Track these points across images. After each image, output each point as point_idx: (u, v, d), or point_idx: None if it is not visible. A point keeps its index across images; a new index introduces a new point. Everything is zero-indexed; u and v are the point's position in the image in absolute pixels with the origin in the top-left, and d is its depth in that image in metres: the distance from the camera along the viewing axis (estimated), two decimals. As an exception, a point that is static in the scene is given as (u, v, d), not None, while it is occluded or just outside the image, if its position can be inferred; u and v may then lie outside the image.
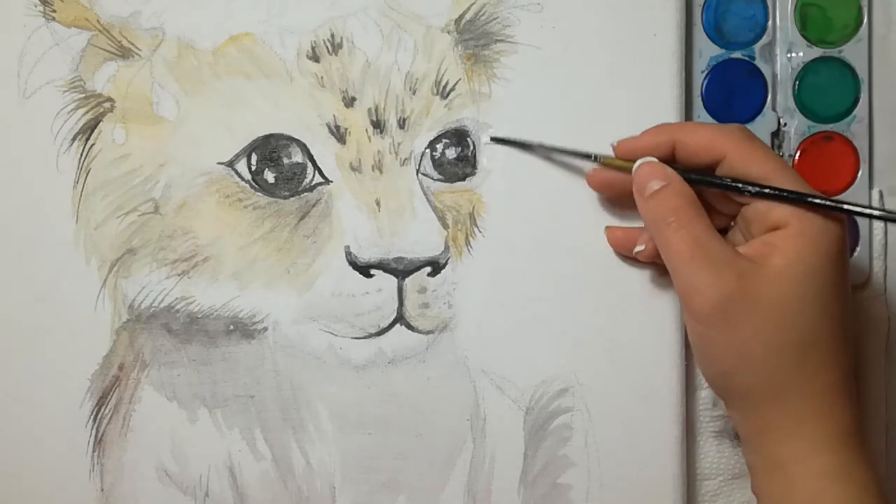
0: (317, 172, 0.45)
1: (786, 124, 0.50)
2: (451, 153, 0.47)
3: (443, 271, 0.46)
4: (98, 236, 0.46)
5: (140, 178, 0.45)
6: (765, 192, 0.41)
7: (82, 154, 0.45)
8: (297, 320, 0.46)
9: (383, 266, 0.45)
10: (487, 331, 0.47)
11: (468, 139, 0.47)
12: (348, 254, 0.45)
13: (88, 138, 0.45)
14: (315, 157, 0.45)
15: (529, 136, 0.47)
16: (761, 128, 0.50)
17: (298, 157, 0.45)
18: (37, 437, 0.46)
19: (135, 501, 0.46)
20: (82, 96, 0.45)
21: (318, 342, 0.46)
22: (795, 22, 0.50)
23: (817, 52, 0.50)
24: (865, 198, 0.50)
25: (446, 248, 0.46)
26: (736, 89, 0.50)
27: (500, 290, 0.47)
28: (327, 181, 0.46)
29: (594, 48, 0.47)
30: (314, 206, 0.46)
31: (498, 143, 0.47)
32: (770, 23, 0.50)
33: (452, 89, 0.47)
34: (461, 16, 0.47)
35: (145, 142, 0.45)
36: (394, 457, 0.47)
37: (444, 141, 0.47)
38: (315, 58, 0.46)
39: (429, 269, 0.46)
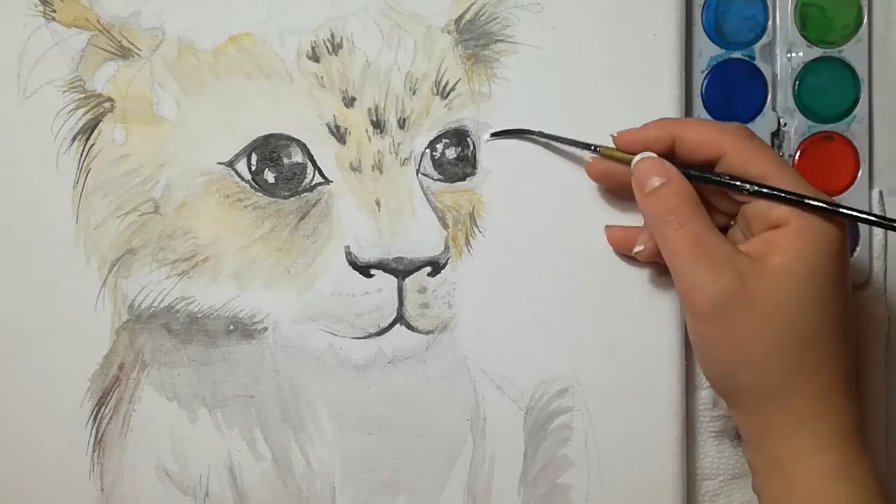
0: (317, 172, 0.45)
1: (786, 124, 0.50)
2: (451, 153, 0.47)
3: (443, 271, 0.46)
4: (98, 236, 0.46)
5: (140, 178, 0.45)
6: (763, 192, 0.41)
7: (82, 154, 0.45)
8: (297, 320, 0.46)
9: (383, 266, 0.45)
10: (487, 331, 0.47)
11: (468, 139, 0.47)
12: (348, 254, 0.45)
13: (88, 138, 0.45)
14: (315, 157, 0.45)
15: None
16: (761, 128, 0.50)
17: (298, 157, 0.45)
18: (37, 437, 0.46)
19: (135, 501, 0.46)
20: (82, 96, 0.45)
21: (318, 342, 0.46)
22: (795, 22, 0.50)
23: (817, 52, 0.50)
24: (865, 198, 0.50)
25: (446, 248, 0.46)
26: (736, 89, 0.50)
27: (500, 290, 0.47)
28: (327, 181, 0.46)
29: (594, 48, 0.47)
30: (314, 206, 0.46)
31: (498, 137, 0.47)
32: (770, 23, 0.50)
33: (452, 89, 0.47)
34: (461, 16, 0.47)
35: (145, 142, 0.45)
36: (394, 457, 0.47)
37: (444, 141, 0.47)
38: (315, 58, 0.46)
39: (429, 269, 0.46)
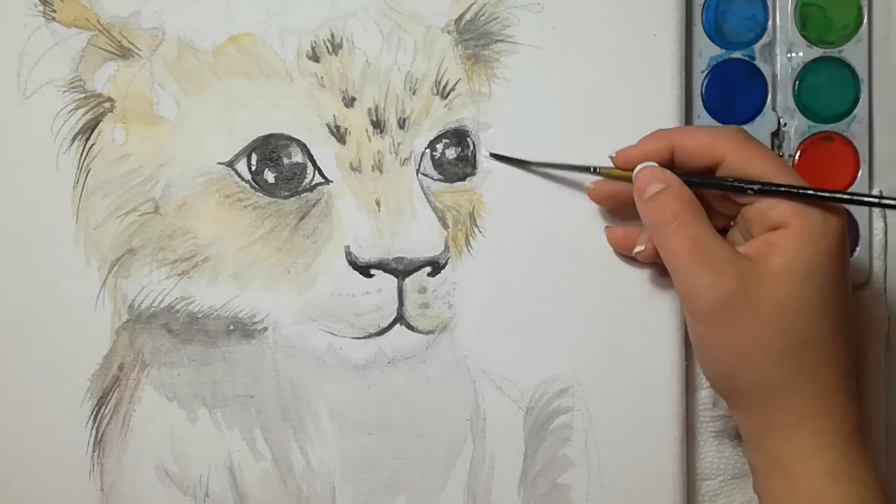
0: (317, 172, 0.45)
1: (786, 124, 0.50)
2: (451, 153, 0.47)
3: (443, 271, 0.46)
4: (98, 236, 0.46)
5: (140, 178, 0.45)
6: (767, 189, 0.41)
7: (82, 154, 0.45)
8: (297, 320, 0.46)
9: (383, 266, 0.45)
10: (487, 331, 0.47)
11: (468, 139, 0.47)
12: (348, 254, 0.45)
13: (88, 138, 0.45)
14: (315, 157, 0.45)
15: (529, 136, 0.47)
16: (761, 128, 0.50)
17: (298, 157, 0.45)
18: (37, 437, 0.46)
19: (135, 501, 0.46)
20: (82, 96, 0.45)
21: (318, 342, 0.46)
22: (795, 22, 0.50)
23: (817, 52, 0.50)
24: (865, 198, 0.50)
25: (446, 248, 0.46)
26: (736, 89, 0.50)
27: (500, 290, 0.47)
28: (327, 181, 0.46)
29: (594, 48, 0.47)
30: (314, 206, 0.46)
31: (497, 160, 0.47)
32: (770, 23, 0.50)
33: (452, 89, 0.47)
34: (461, 16, 0.47)
35: (145, 142, 0.45)
36: (394, 457, 0.47)
37: (444, 141, 0.47)
38: (315, 58, 0.46)
39: (429, 269, 0.46)
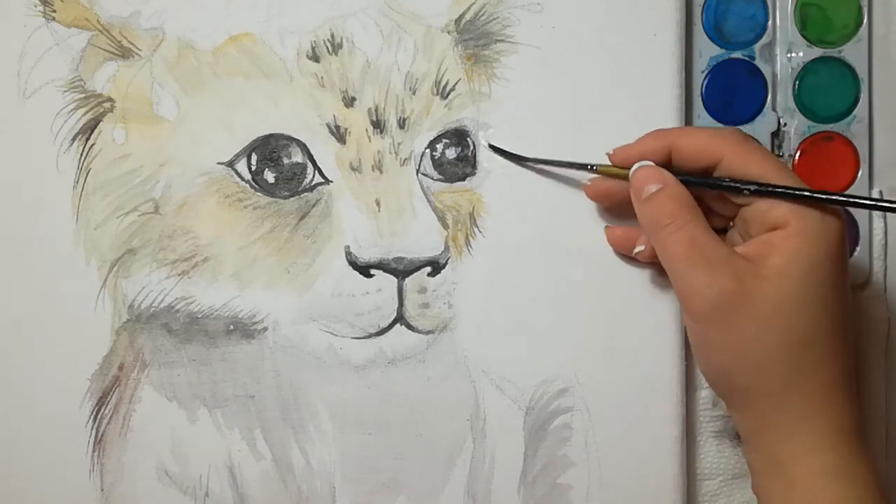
0: (317, 172, 0.45)
1: (786, 124, 0.50)
2: (451, 153, 0.47)
3: (443, 271, 0.46)
4: (98, 236, 0.46)
5: (140, 178, 0.45)
6: (764, 190, 0.41)
7: (82, 154, 0.45)
8: (297, 320, 0.46)
9: (383, 266, 0.45)
10: (487, 331, 0.47)
11: (468, 139, 0.47)
12: (348, 254, 0.45)
13: (88, 138, 0.45)
14: (315, 157, 0.45)
15: (529, 136, 0.47)
16: (761, 128, 0.50)
17: (298, 157, 0.45)
18: (37, 437, 0.46)
19: (135, 501, 0.46)
20: (82, 96, 0.45)
21: (318, 342, 0.46)
22: (795, 22, 0.50)
23: (817, 52, 0.50)
24: (865, 198, 0.50)
25: (446, 248, 0.46)
26: (736, 89, 0.50)
27: (500, 290, 0.47)
28: (327, 181, 0.46)
29: (594, 48, 0.47)
30: (314, 206, 0.46)
31: (495, 151, 0.47)
32: (770, 23, 0.50)
33: (452, 89, 0.47)
34: (461, 16, 0.47)
35: (145, 142, 0.45)
36: (394, 457, 0.47)
37: (444, 141, 0.47)
38: (315, 58, 0.46)
39: (429, 269, 0.46)
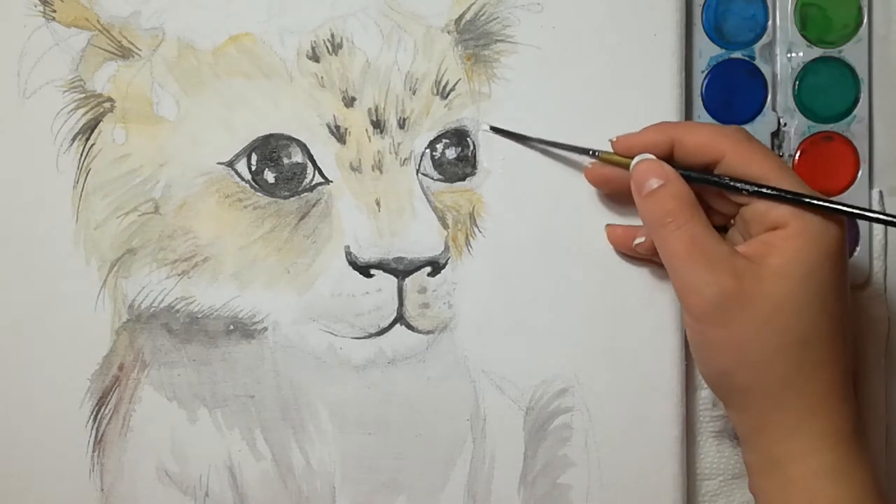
0: (317, 172, 0.45)
1: (786, 124, 0.50)
2: (451, 153, 0.47)
3: (443, 271, 0.46)
4: (98, 236, 0.46)
5: (140, 178, 0.45)
6: (762, 192, 0.41)
7: (82, 154, 0.45)
8: (297, 320, 0.46)
9: (383, 266, 0.45)
10: (487, 331, 0.47)
11: (468, 139, 0.47)
12: (348, 254, 0.45)
13: (88, 138, 0.45)
14: (315, 157, 0.45)
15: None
16: (761, 128, 0.50)
17: (298, 157, 0.45)
18: (37, 437, 0.46)
19: (135, 501, 0.46)
20: (82, 96, 0.45)
21: (318, 342, 0.46)
22: (795, 22, 0.50)
23: (817, 52, 0.50)
24: (865, 198, 0.50)
25: (446, 248, 0.46)
26: (736, 89, 0.50)
27: (500, 290, 0.47)
28: (327, 181, 0.46)
29: (594, 48, 0.47)
30: (314, 206, 0.46)
31: (496, 132, 0.47)
32: (770, 23, 0.50)
33: (452, 89, 0.47)
34: (461, 16, 0.47)
35: (145, 142, 0.45)
36: (394, 457, 0.47)
37: (444, 141, 0.47)
38: (315, 58, 0.46)
39: (429, 269, 0.46)
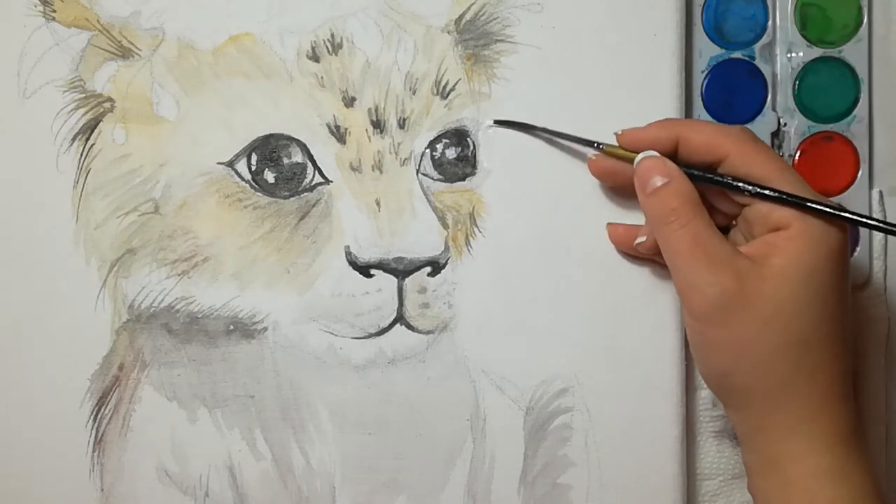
0: (317, 172, 0.45)
1: (786, 124, 0.50)
2: (451, 153, 0.47)
3: (443, 271, 0.46)
4: (98, 236, 0.46)
5: (140, 178, 0.45)
6: (764, 193, 0.41)
7: (82, 154, 0.45)
8: (297, 320, 0.46)
9: (383, 266, 0.45)
10: (487, 331, 0.47)
11: (468, 139, 0.47)
12: (348, 254, 0.45)
13: (88, 138, 0.45)
14: (315, 157, 0.45)
15: (529, 135, 0.47)
16: (761, 128, 0.50)
17: (298, 157, 0.45)
18: (37, 437, 0.46)
19: (135, 501, 0.46)
20: (82, 96, 0.45)
21: (318, 342, 0.46)
22: (795, 22, 0.50)
23: (817, 52, 0.50)
24: (865, 198, 0.50)
25: (446, 248, 0.46)
26: (736, 89, 0.50)
27: (500, 290, 0.47)
28: (327, 181, 0.46)
29: (594, 48, 0.47)
30: (314, 206, 0.46)
31: (501, 125, 0.47)
32: (770, 23, 0.50)
33: (452, 89, 0.47)
34: (461, 16, 0.47)
35: (145, 142, 0.45)
36: (394, 457, 0.47)
37: (444, 141, 0.47)
38: (315, 58, 0.46)
39: (429, 269, 0.46)
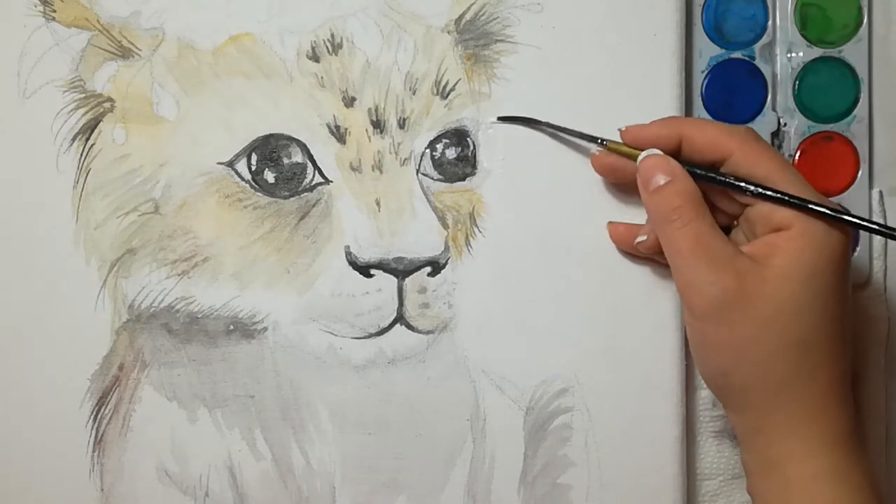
0: (317, 172, 0.45)
1: (786, 124, 0.50)
2: (451, 153, 0.47)
3: (443, 271, 0.46)
4: (98, 236, 0.46)
5: (140, 178, 0.45)
6: (767, 194, 0.41)
7: (82, 154, 0.45)
8: (297, 320, 0.46)
9: (383, 266, 0.45)
10: (487, 331, 0.47)
11: (468, 139, 0.47)
12: (348, 254, 0.45)
13: (88, 138, 0.45)
14: (315, 157, 0.45)
15: (529, 135, 0.47)
16: (761, 128, 0.50)
17: (298, 157, 0.45)
18: (37, 437, 0.46)
19: (135, 501, 0.46)
20: (82, 96, 0.45)
21: (318, 342, 0.46)
22: (795, 22, 0.50)
23: (817, 52, 0.50)
24: (865, 198, 0.50)
25: (446, 248, 0.46)
26: (736, 89, 0.50)
27: (500, 290, 0.47)
28: (327, 181, 0.46)
29: (594, 48, 0.47)
30: (314, 206, 0.46)
31: (505, 121, 0.47)
32: (770, 23, 0.50)
33: (452, 89, 0.47)
34: (461, 16, 0.47)
35: (145, 142, 0.45)
36: (394, 457, 0.47)
37: (444, 141, 0.47)
38: (315, 58, 0.46)
39: (429, 269, 0.46)
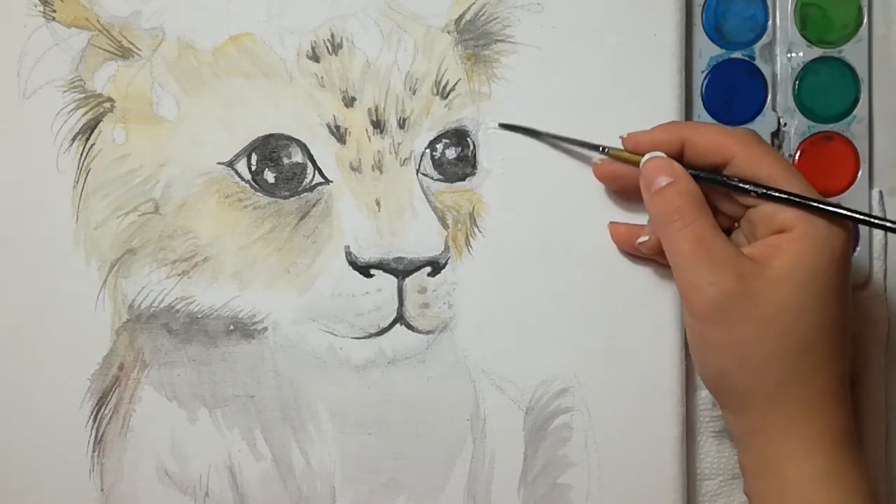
0: (317, 172, 0.45)
1: (786, 124, 0.50)
2: (451, 153, 0.47)
3: (443, 271, 0.46)
4: (98, 236, 0.46)
5: (140, 178, 0.45)
6: (770, 194, 0.41)
7: (82, 154, 0.45)
8: (297, 320, 0.46)
9: (383, 266, 0.45)
10: (487, 331, 0.47)
11: (468, 139, 0.47)
12: (348, 254, 0.45)
13: (88, 138, 0.45)
14: (315, 157, 0.45)
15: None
16: (761, 128, 0.50)
17: (298, 157, 0.45)
18: (37, 437, 0.46)
19: (135, 501, 0.46)
20: (82, 96, 0.45)
21: (318, 342, 0.46)
22: (795, 22, 0.50)
23: (817, 52, 0.50)
24: (865, 198, 0.50)
25: (446, 248, 0.46)
26: (736, 89, 0.50)
27: (500, 290, 0.47)
28: (327, 181, 0.46)
29: (594, 48, 0.47)
30: (314, 206, 0.46)
31: (507, 129, 0.47)
32: (770, 23, 0.50)
33: (452, 89, 0.47)
34: (461, 16, 0.47)
35: (145, 142, 0.45)
36: (394, 457, 0.47)
37: (444, 141, 0.47)
38: (315, 58, 0.46)
39: (429, 269, 0.46)
